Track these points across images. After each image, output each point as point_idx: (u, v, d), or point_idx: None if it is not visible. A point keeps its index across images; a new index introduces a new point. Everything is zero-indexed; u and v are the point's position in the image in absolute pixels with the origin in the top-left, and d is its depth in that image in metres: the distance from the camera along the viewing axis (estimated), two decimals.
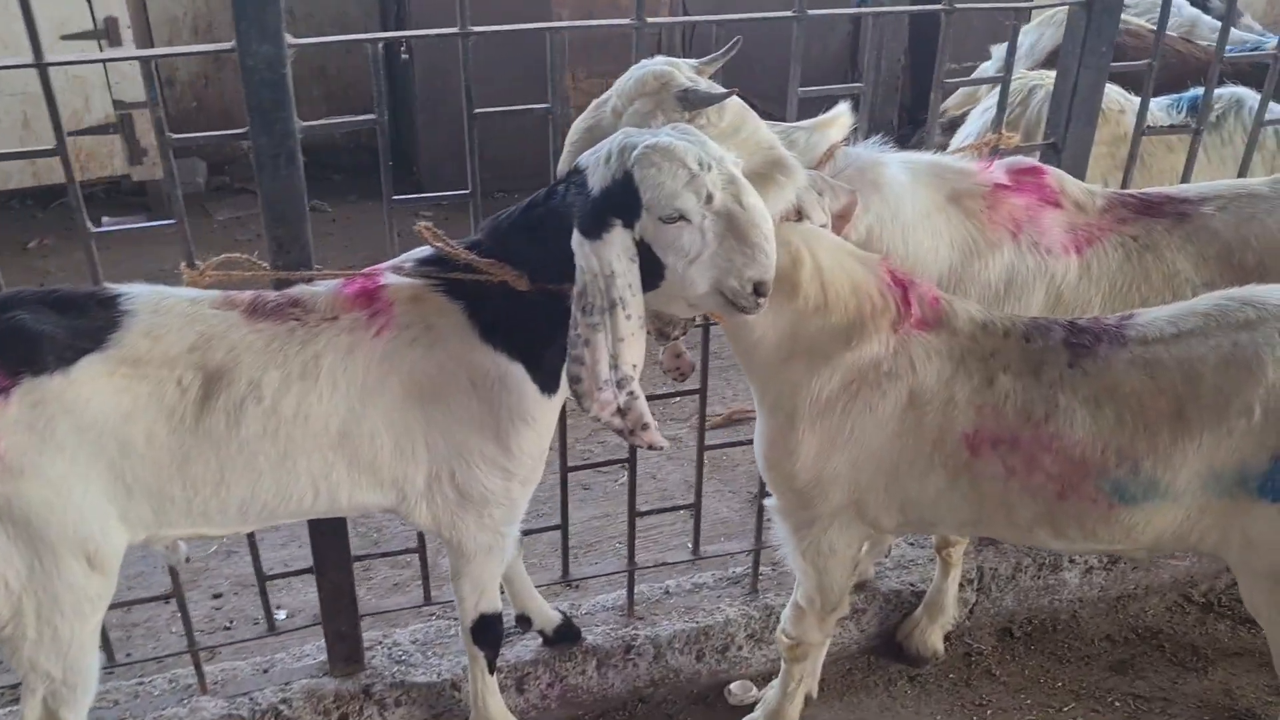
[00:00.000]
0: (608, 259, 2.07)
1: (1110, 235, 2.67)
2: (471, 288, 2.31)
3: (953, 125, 5.29)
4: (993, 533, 2.57)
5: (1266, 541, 2.26)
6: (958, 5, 2.67)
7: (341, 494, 2.38)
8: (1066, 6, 2.90)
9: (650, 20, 2.50)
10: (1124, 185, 3.12)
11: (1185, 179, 3.17)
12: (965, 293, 2.61)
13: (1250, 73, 4.09)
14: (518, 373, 2.35)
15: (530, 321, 2.31)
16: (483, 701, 2.85)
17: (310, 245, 2.45)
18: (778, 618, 3.26)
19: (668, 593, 3.36)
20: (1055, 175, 2.70)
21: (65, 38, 5.72)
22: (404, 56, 6.63)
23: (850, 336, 2.33)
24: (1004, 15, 2.80)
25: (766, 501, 2.68)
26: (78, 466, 2.13)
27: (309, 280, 2.39)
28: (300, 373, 2.25)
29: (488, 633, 2.73)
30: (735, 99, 2.24)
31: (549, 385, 2.39)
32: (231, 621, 3.59)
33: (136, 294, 2.22)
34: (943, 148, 3.18)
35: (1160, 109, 3.75)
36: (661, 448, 2.28)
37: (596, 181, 2.12)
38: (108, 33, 5.83)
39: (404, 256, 2.42)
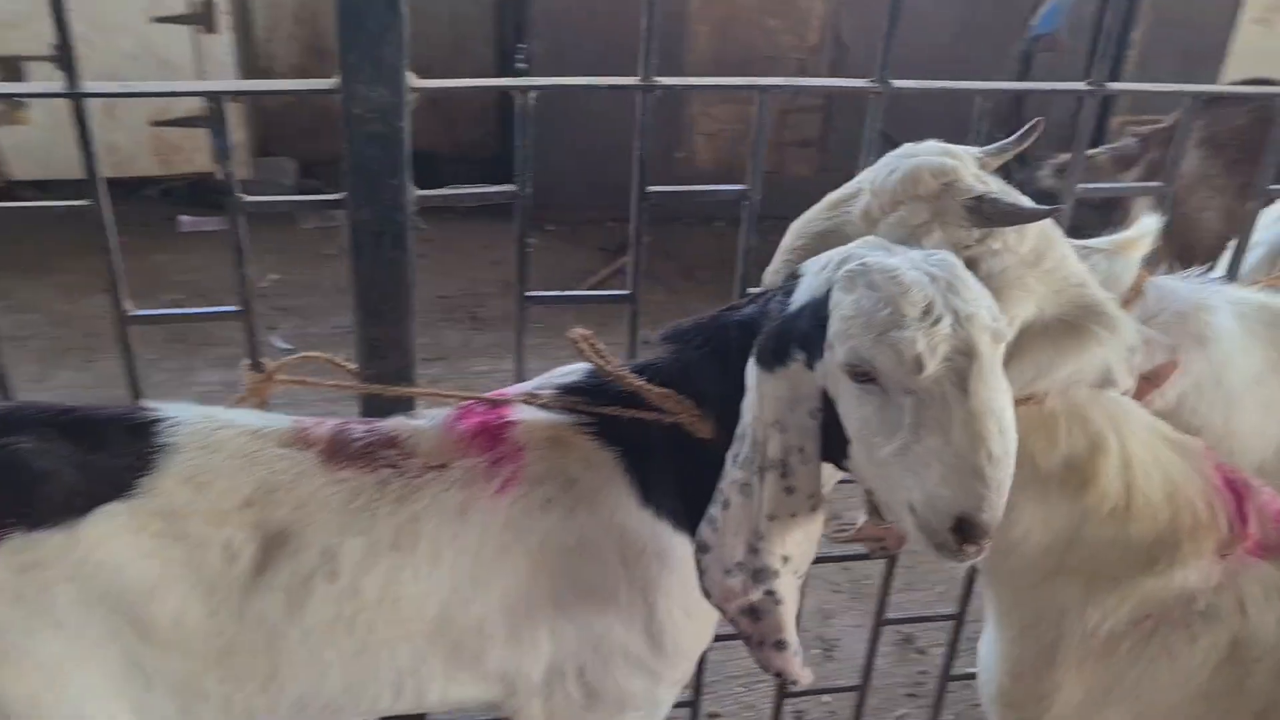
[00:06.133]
0: (777, 402, 1.46)
1: None
2: (632, 429, 1.68)
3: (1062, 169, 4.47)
4: None
5: None
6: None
7: (432, 692, 1.77)
8: None
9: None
10: None
11: None
12: None
13: None
14: (683, 548, 1.72)
15: (707, 479, 1.67)
16: None
17: (414, 352, 1.84)
18: None
19: None
20: None
21: (158, 20, 5.21)
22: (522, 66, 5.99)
23: (1156, 557, 1.66)
24: None
25: None
26: (79, 650, 1.55)
27: (408, 399, 1.78)
28: (392, 541, 1.64)
29: None
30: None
31: None
32: None
33: (181, 420, 1.63)
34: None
35: None
36: (798, 681, 1.62)
37: (800, 295, 1.50)
38: (205, 18, 5.30)
39: (544, 378, 1.80)
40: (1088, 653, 1.72)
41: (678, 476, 1.71)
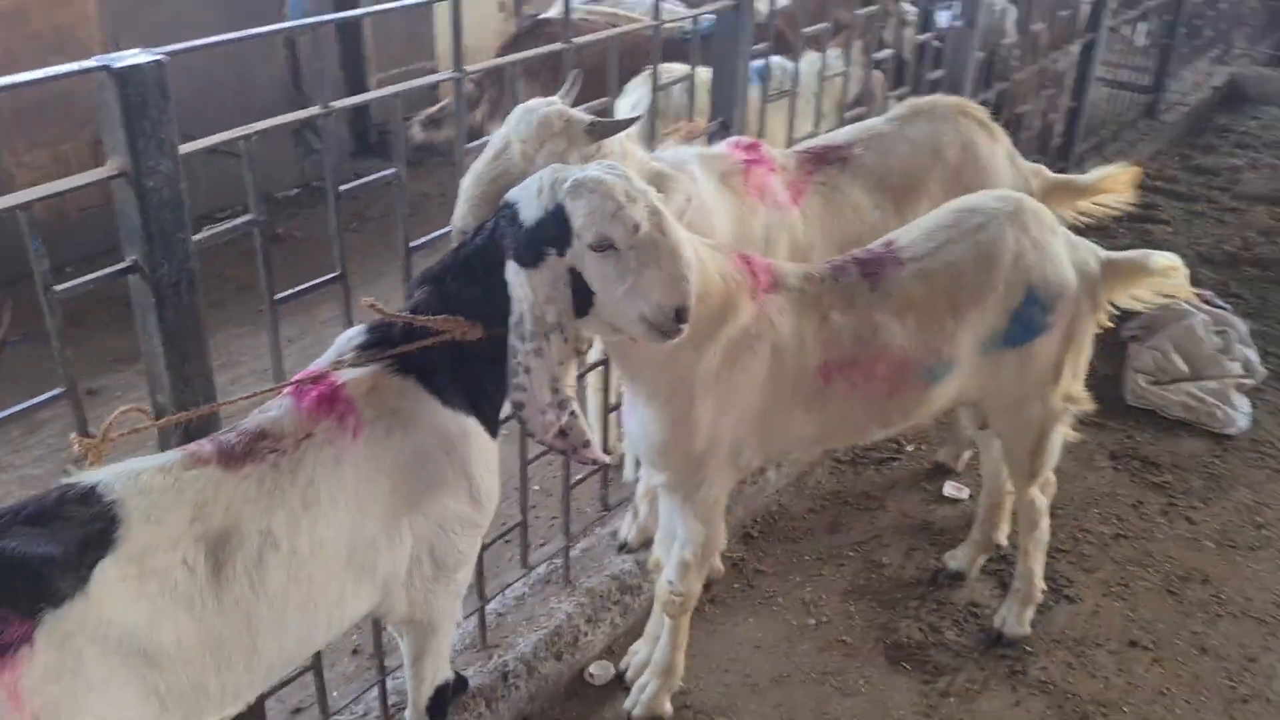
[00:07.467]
0: (545, 287, 2.21)
1: (809, 185, 3.31)
2: (417, 358, 2.28)
3: (433, 121, 5.69)
4: (831, 443, 3.13)
5: (1007, 379, 3.09)
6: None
7: (346, 615, 2.24)
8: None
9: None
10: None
11: (791, 134, 3.94)
12: None
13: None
14: (474, 425, 2.37)
15: (474, 370, 2.36)
16: None
17: (213, 373, 2.19)
18: (602, 596, 3.54)
19: (499, 614, 3.44)
20: (765, 146, 3.26)
21: None
22: None
23: (725, 314, 2.69)
24: None
25: (653, 482, 2.95)
26: (109, 700, 1.79)
27: (212, 412, 2.16)
28: (303, 502, 2.07)
29: (440, 704, 2.70)
30: None
31: (494, 428, 2.46)
32: None
33: (110, 481, 1.88)
34: None
35: None
36: (605, 463, 2.47)
37: (530, 214, 2.22)
38: None
39: (334, 349, 2.29)
40: (708, 387, 2.72)
41: (458, 377, 2.33)
